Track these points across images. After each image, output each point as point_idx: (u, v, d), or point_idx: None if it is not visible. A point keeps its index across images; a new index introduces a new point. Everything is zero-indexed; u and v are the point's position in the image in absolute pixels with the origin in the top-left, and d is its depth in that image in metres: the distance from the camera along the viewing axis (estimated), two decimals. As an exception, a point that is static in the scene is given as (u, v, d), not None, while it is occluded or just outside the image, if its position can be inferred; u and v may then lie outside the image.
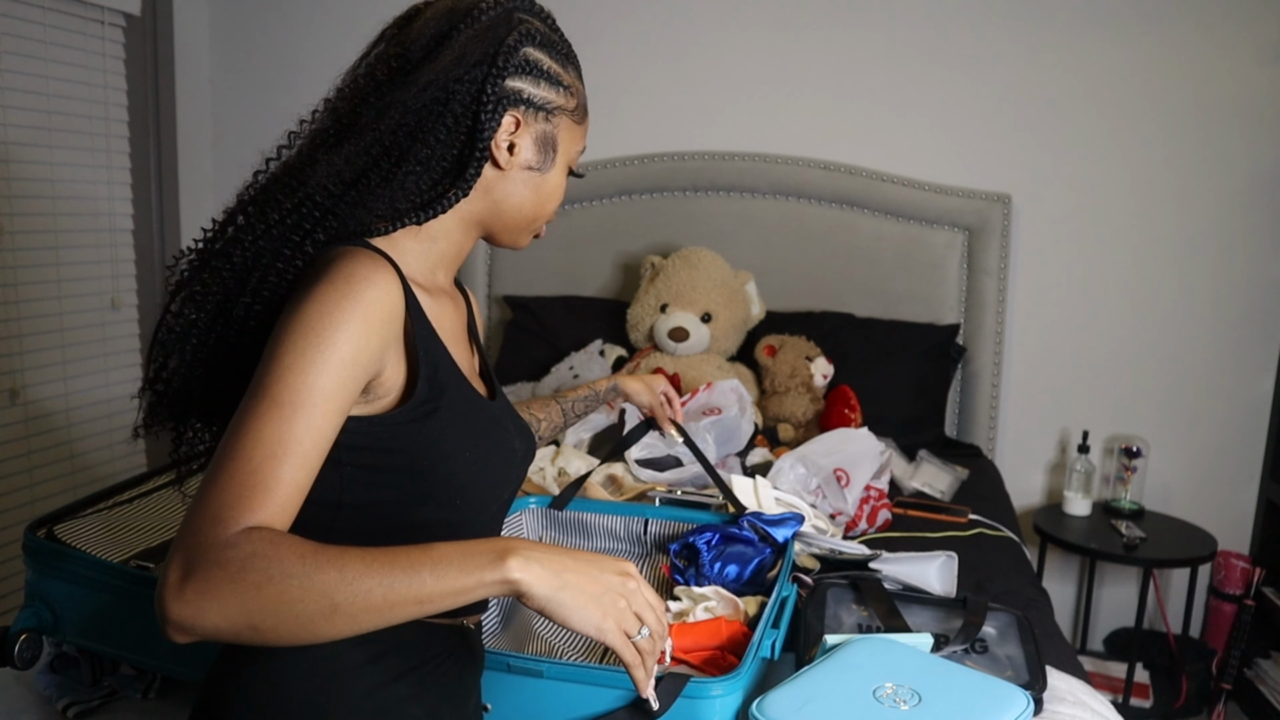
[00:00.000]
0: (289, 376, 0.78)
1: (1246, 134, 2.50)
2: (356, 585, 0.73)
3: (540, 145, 0.96)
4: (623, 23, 2.81)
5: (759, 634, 1.09)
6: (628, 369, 2.46)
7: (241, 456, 0.76)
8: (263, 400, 0.78)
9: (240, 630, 0.72)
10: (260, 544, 0.72)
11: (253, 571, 0.71)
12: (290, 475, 0.77)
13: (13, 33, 2.42)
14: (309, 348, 0.79)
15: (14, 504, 2.49)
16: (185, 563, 0.72)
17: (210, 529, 0.73)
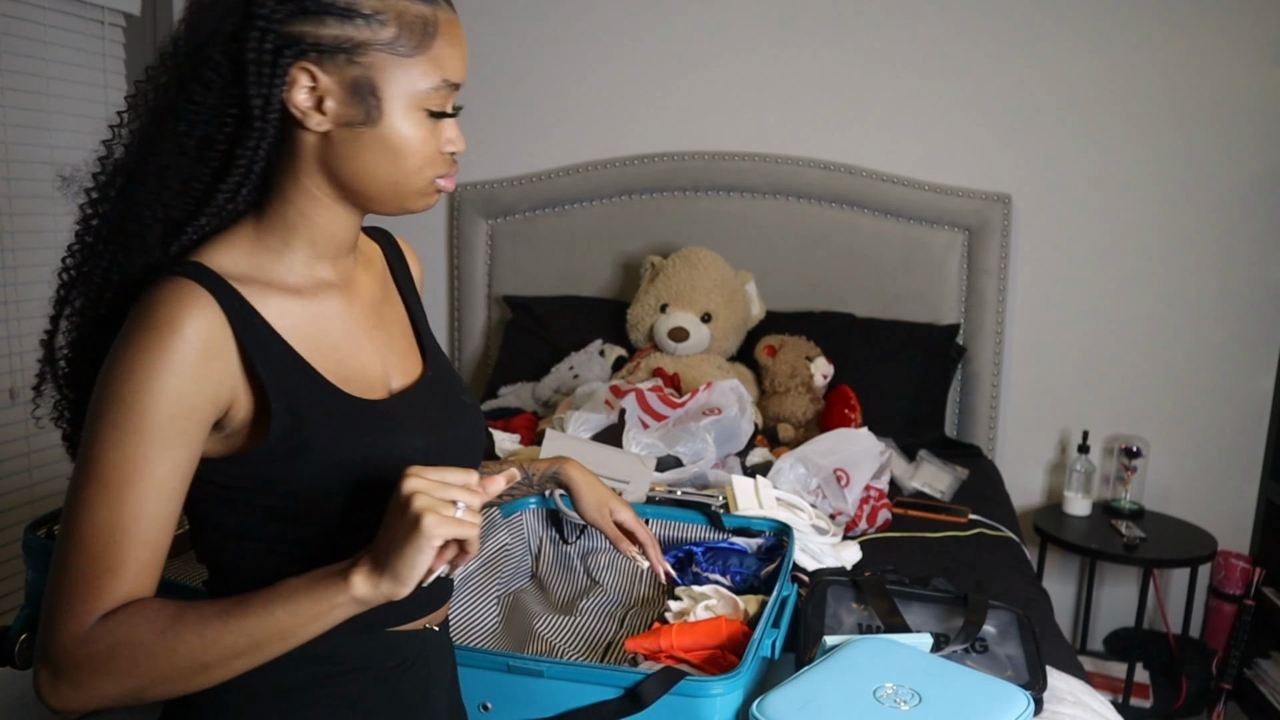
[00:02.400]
0: (108, 454, 0.74)
1: (1246, 134, 2.50)
2: (220, 643, 0.73)
3: (353, 94, 0.79)
4: (623, 23, 2.81)
5: (759, 633, 1.09)
6: (628, 369, 2.46)
7: (81, 547, 0.74)
8: (89, 483, 0.75)
9: (126, 702, 0.74)
10: (118, 631, 0.73)
11: (118, 658, 0.72)
12: (135, 554, 0.75)
13: (13, 33, 2.42)
14: (120, 417, 0.74)
15: (14, 504, 2.49)
16: (53, 666, 0.73)
17: (65, 626, 0.73)
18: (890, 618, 1.25)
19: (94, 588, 0.74)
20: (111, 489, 0.74)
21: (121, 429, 0.74)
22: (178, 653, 0.72)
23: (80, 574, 0.74)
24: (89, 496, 0.74)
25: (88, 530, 0.74)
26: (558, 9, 2.83)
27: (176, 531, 1.34)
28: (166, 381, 0.75)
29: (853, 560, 1.61)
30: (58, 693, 0.73)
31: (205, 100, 0.78)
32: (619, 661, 1.24)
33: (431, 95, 0.81)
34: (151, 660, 0.72)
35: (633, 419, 1.95)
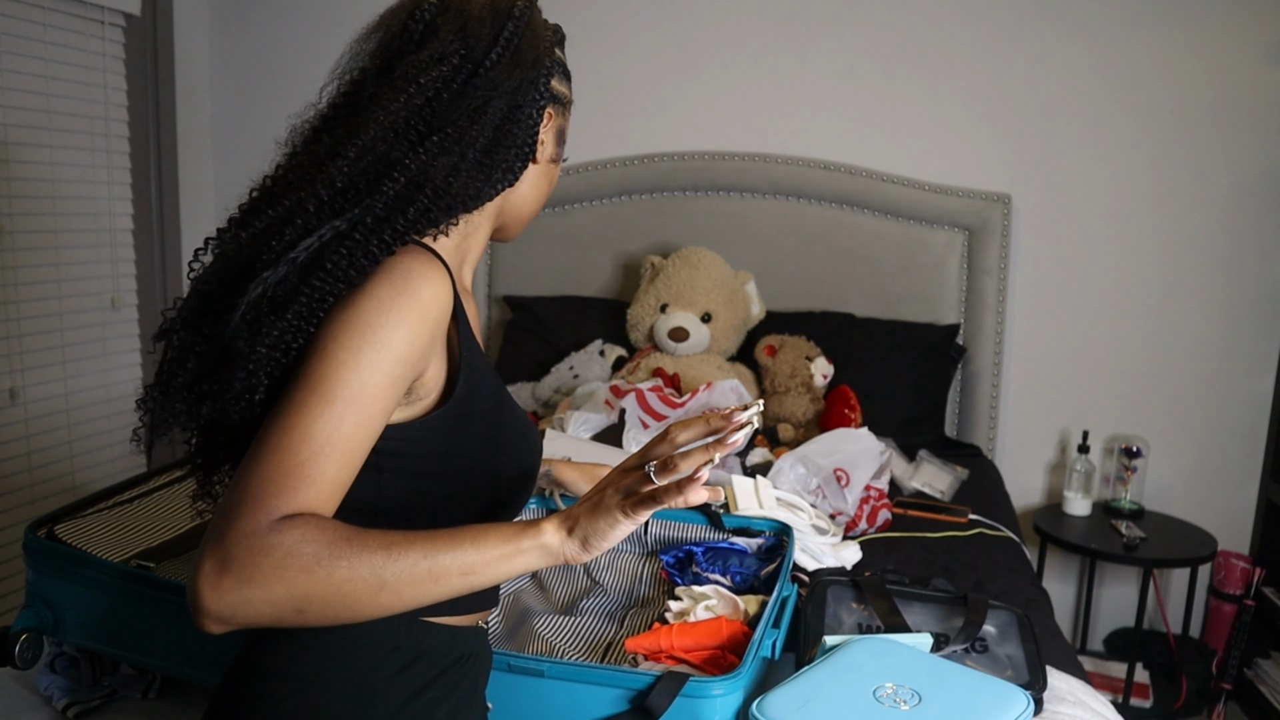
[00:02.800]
0: (342, 372, 0.77)
1: (1247, 134, 2.50)
2: (402, 561, 0.74)
3: (558, 138, 1.03)
4: (623, 23, 2.81)
5: (759, 634, 1.09)
6: (628, 369, 2.46)
7: (288, 449, 0.75)
8: (313, 394, 0.77)
9: (284, 615, 0.72)
10: (306, 529, 0.72)
11: (299, 557, 0.71)
12: (335, 472, 0.76)
13: (13, 33, 2.42)
14: (365, 345, 0.78)
15: (14, 504, 2.49)
16: (223, 552, 0.71)
17: (251, 517, 0.72)
18: (890, 618, 1.25)
19: (288, 489, 0.74)
20: (336, 405, 0.76)
21: (362, 356, 0.78)
22: (360, 559, 0.73)
23: (279, 474, 0.74)
24: (310, 406, 0.76)
25: (298, 437, 0.75)
26: (558, 10, 2.82)
27: (190, 524, 1.35)
28: (412, 327, 0.81)
29: (853, 560, 1.61)
30: (220, 588, 0.70)
31: (520, 124, 0.94)
32: (619, 661, 1.24)
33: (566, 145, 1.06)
34: (334, 561, 0.72)
35: (633, 419, 1.95)
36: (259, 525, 0.72)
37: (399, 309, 0.80)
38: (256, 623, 0.72)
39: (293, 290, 0.82)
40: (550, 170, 1.03)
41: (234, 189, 0.93)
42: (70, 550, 1.25)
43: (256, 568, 0.70)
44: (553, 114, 0.99)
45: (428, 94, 0.88)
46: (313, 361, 0.78)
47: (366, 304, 0.80)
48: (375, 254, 0.83)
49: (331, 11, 2.98)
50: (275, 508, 0.73)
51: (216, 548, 0.71)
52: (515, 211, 1.02)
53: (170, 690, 1.30)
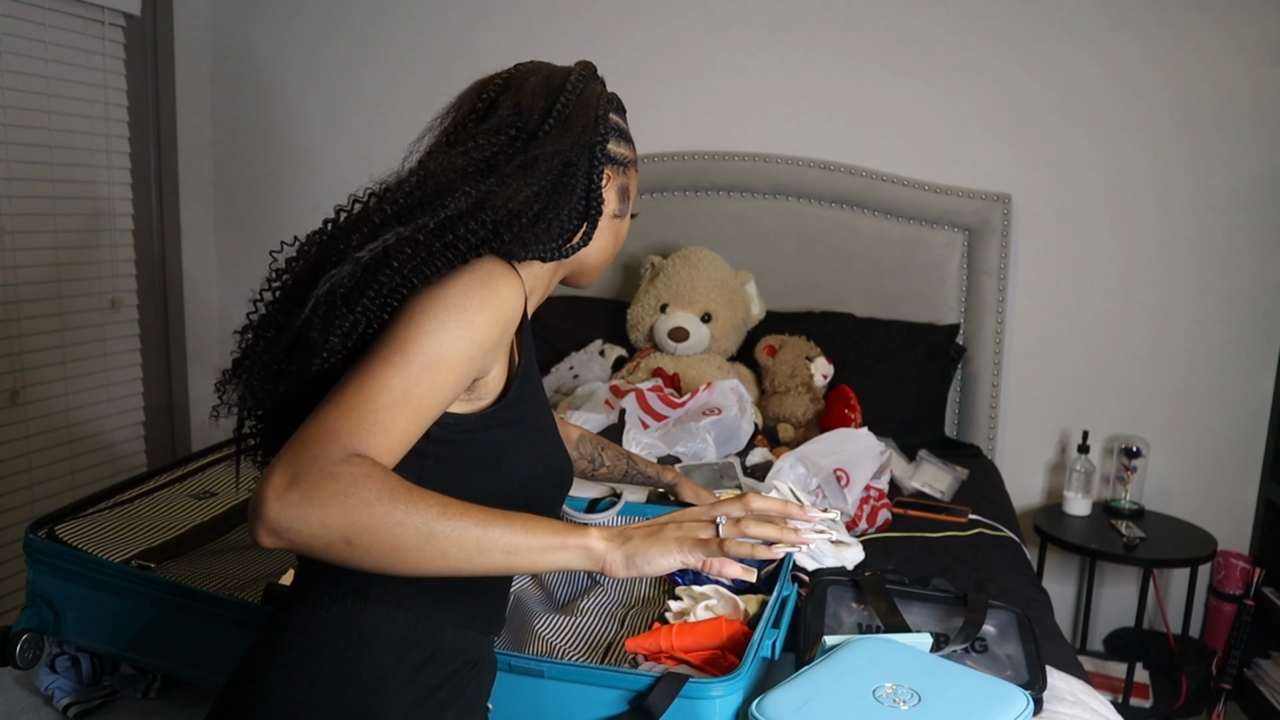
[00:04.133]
0: (425, 340, 0.84)
1: (1247, 134, 2.50)
2: (455, 522, 0.79)
3: (620, 195, 1.11)
4: (623, 23, 2.81)
5: (759, 634, 1.09)
6: (628, 369, 2.46)
7: (367, 396, 0.81)
8: (394, 355, 0.83)
9: (334, 542, 0.76)
10: (374, 468, 0.78)
11: (363, 488, 0.76)
12: (404, 427, 0.82)
13: (13, 33, 2.42)
14: (449, 319, 0.86)
15: (14, 504, 2.49)
16: (295, 469, 0.76)
17: (325, 445, 0.77)
18: (890, 618, 1.25)
19: (362, 430, 0.79)
20: (415, 367, 0.83)
21: (445, 327, 0.86)
22: (418, 508, 0.78)
23: (356, 414, 0.80)
24: (392, 363, 0.83)
25: (377, 387, 0.82)
26: (558, 10, 2.83)
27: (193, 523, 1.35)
28: (491, 315, 0.89)
29: (856, 561, 1.61)
30: (284, 499, 0.74)
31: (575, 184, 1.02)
32: (619, 662, 1.24)
33: (634, 200, 1.16)
34: (393, 501, 0.77)
35: (633, 419, 1.95)
36: (332, 454, 0.77)
37: (482, 298, 0.89)
38: (307, 545, 0.75)
39: (361, 286, 0.88)
40: (615, 224, 1.12)
41: (234, 189, 0.95)
42: (71, 550, 1.25)
43: (322, 488, 0.75)
44: (611, 174, 1.08)
45: (485, 153, 0.98)
46: (399, 326, 0.86)
47: (454, 287, 0.88)
48: (435, 258, 0.90)
49: (331, 12, 2.98)
50: (349, 443, 0.78)
51: (290, 464, 0.76)
52: (585, 260, 1.10)
53: (170, 690, 1.30)
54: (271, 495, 0.75)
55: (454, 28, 2.93)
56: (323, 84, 3.01)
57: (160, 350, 2.91)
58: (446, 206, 0.92)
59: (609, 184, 1.08)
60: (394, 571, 0.79)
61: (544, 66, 1.08)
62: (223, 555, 1.35)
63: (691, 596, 1.28)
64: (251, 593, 1.23)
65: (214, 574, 1.27)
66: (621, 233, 1.14)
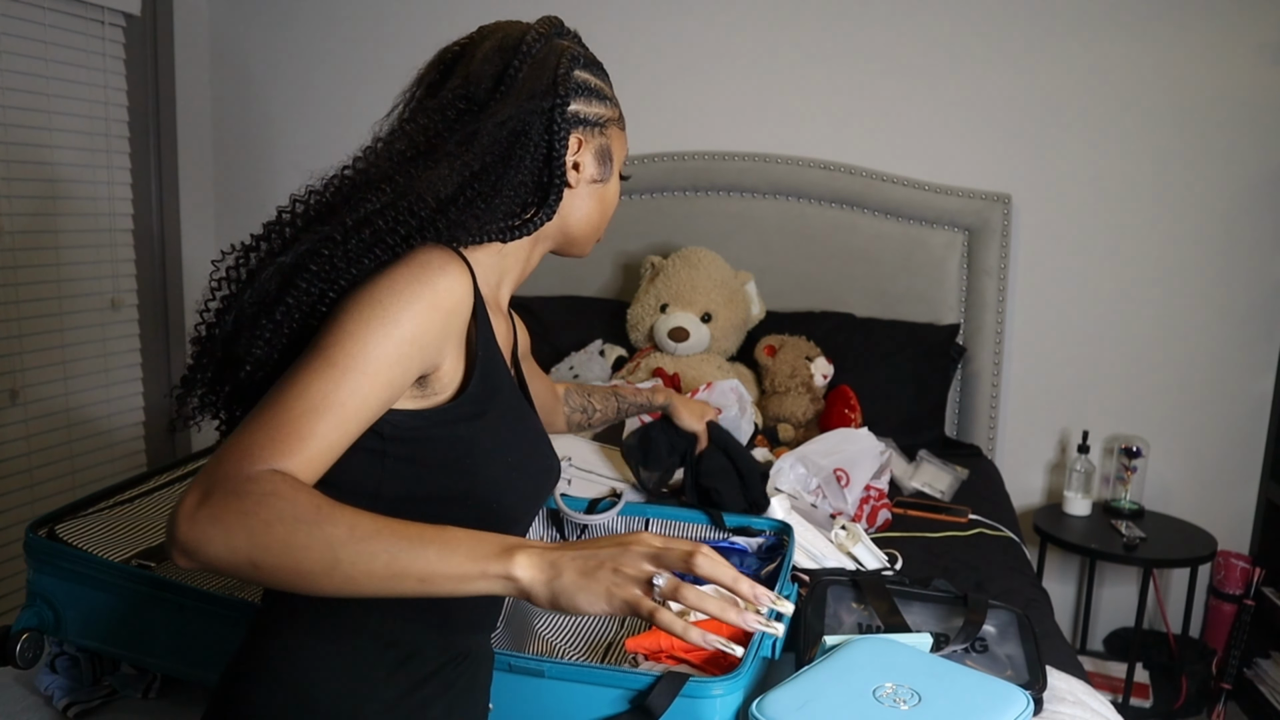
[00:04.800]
0: (347, 341, 0.81)
1: (1246, 134, 2.50)
2: (362, 546, 0.72)
3: (600, 158, 1.03)
4: (623, 23, 2.81)
5: (759, 633, 1.09)
6: (628, 369, 2.46)
7: (283, 405, 0.78)
8: (316, 359, 0.80)
9: (240, 565, 0.72)
10: (280, 485, 0.73)
11: (266, 509, 0.72)
12: (325, 433, 0.78)
13: (13, 33, 2.42)
14: (373, 318, 0.82)
15: (14, 504, 2.49)
16: (205, 489, 0.73)
17: (236, 462, 0.74)
18: (890, 618, 1.25)
19: (278, 443, 0.76)
20: (336, 369, 0.80)
21: (369, 326, 0.82)
22: (322, 530, 0.72)
23: (272, 426, 0.77)
24: (312, 369, 0.80)
25: (297, 393, 0.79)
26: (557, 10, 2.82)
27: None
28: (423, 309, 0.84)
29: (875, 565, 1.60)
30: (194, 518, 0.72)
31: (525, 153, 0.95)
32: (619, 661, 1.24)
33: (625, 162, 1.09)
34: (295, 524, 0.71)
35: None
36: (243, 470, 0.74)
37: (411, 292, 0.84)
38: (216, 565, 0.72)
39: (279, 292, 0.86)
40: (599, 190, 1.05)
41: (234, 189, 0.95)
42: (71, 550, 1.25)
43: (226, 508, 0.72)
44: (583, 138, 1.01)
45: (428, 134, 0.93)
46: (323, 332, 0.83)
47: (382, 283, 0.84)
48: (361, 256, 0.86)
49: (331, 12, 2.98)
50: (262, 458, 0.75)
51: (203, 481, 0.74)
52: (567, 234, 1.05)
53: (170, 690, 1.30)
54: (181, 516, 0.72)
55: (454, 28, 2.91)
56: (323, 84, 3.01)
57: (160, 350, 2.91)
58: (369, 200, 0.88)
59: (582, 149, 1.01)
60: (315, 595, 0.74)
61: (504, 27, 1.01)
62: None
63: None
64: (251, 592, 1.23)
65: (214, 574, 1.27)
66: (609, 197, 1.07)
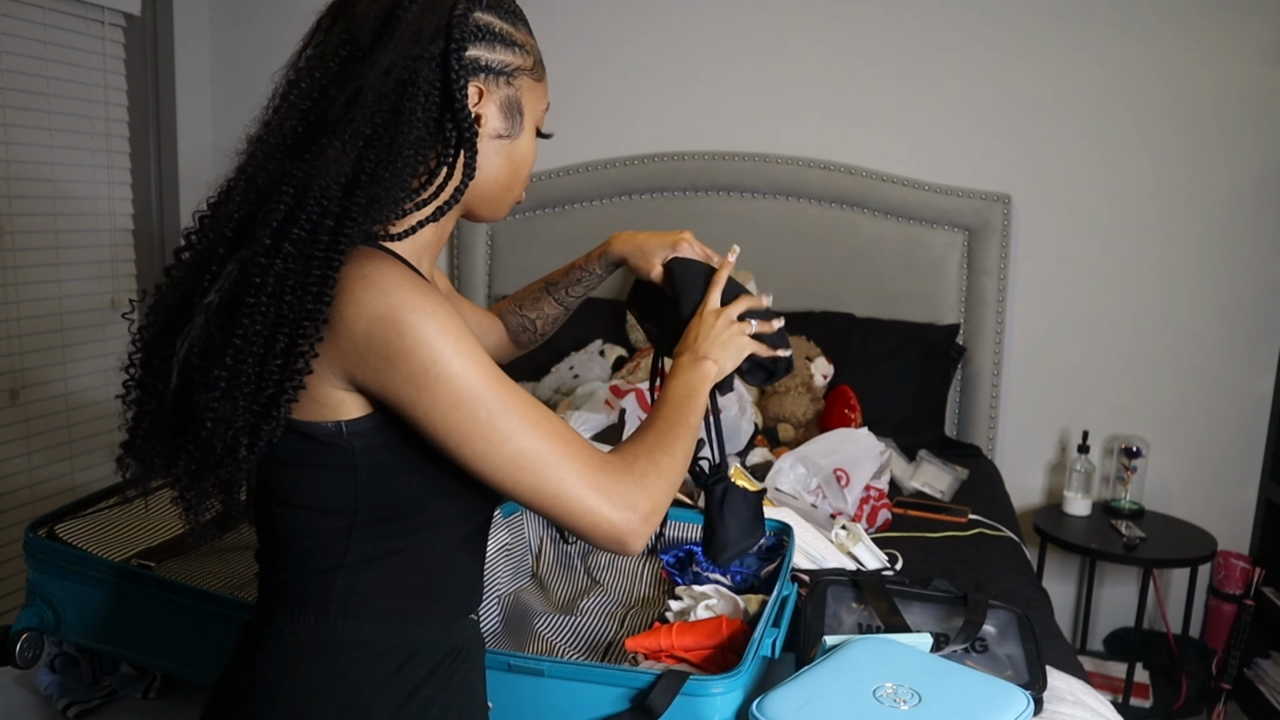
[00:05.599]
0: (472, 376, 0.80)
1: (1247, 134, 2.50)
2: (685, 430, 0.97)
3: (506, 111, 0.91)
4: (623, 23, 2.81)
5: (759, 633, 1.09)
6: (628, 369, 2.46)
7: (539, 441, 0.83)
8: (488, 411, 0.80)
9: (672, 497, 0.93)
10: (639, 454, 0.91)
11: (661, 466, 0.91)
12: (558, 424, 0.85)
13: (13, 33, 2.42)
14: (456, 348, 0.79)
15: (14, 504, 2.49)
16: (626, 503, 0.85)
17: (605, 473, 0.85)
18: (890, 618, 1.25)
19: (580, 447, 0.85)
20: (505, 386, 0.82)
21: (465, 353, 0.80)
22: (676, 447, 0.95)
23: (565, 450, 0.84)
24: (505, 406, 0.81)
25: (527, 429, 0.82)
26: (558, 9, 2.83)
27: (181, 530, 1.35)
28: (448, 309, 0.81)
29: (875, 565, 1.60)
30: (649, 520, 0.87)
31: (416, 106, 0.84)
32: (619, 661, 1.24)
33: (543, 116, 0.98)
34: (672, 459, 0.93)
35: (633, 419, 1.95)
36: (616, 473, 0.86)
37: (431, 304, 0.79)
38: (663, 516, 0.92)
39: (223, 336, 0.78)
40: (506, 147, 0.92)
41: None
42: (71, 550, 1.25)
43: (653, 488, 0.88)
44: (484, 87, 0.89)
45: (312, 96, 0.83)
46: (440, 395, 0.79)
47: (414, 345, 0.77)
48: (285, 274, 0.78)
49: (331, 11, 2.98)
50: (598, 458, 0.86)
51: (618, 510, 0.85)
52: (475, 194, 0.93)
53: (170, 690, 1.30)
54: (646, 527, 0.87)
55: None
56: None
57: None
58: (275, 209, 0.79)
59: (484, 99, 0.89)
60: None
61: None
62: (223, 555, 1.35)
63: (691, 596, 1.28)
64: (251, 592, 1.22)
65: (214, 574, 1.27)
66: (518, 156, 0.94)
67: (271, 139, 0.83)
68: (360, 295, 0.78)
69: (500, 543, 1.45)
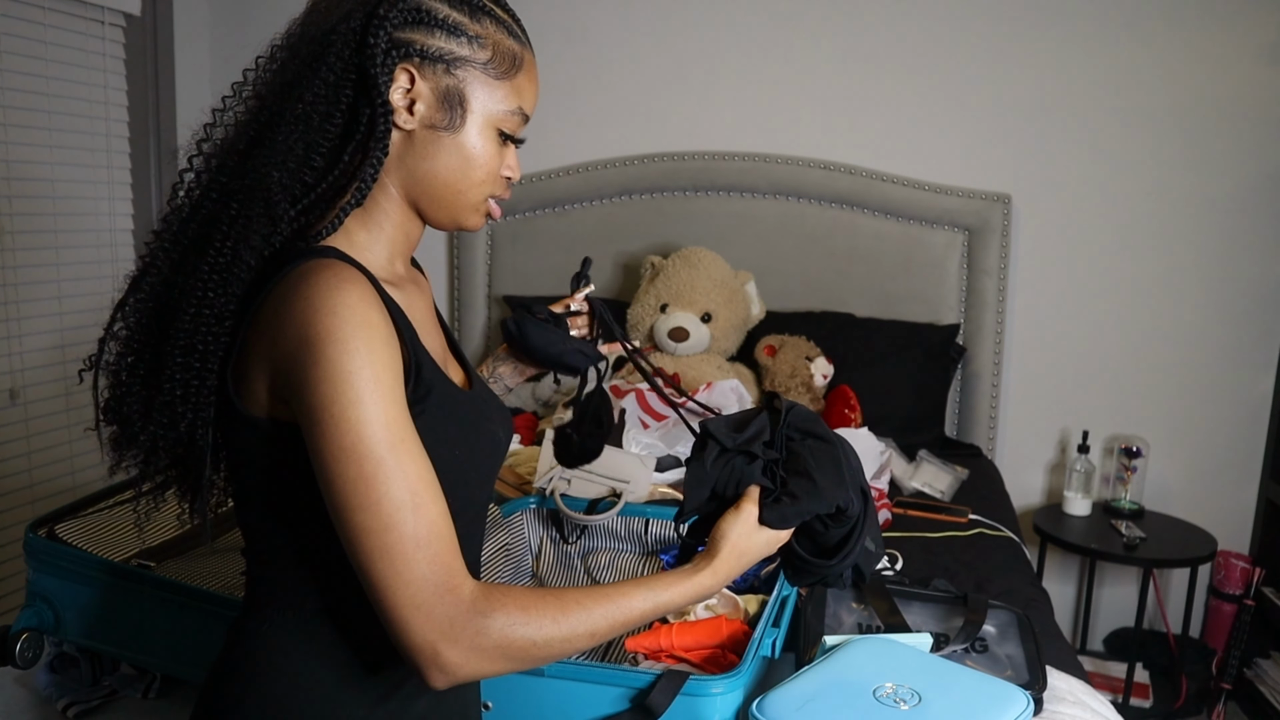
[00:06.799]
0: (366, 429, 0.74)
1: (1247, 134, 2.50)
2: (600, 633, 0.82)
3: (444, 101, 0.86)
4: (623, 23, 2.81)
5: (759, 633, 1.09)
6: (627, 369, 2.46)
7: (395, 526, 0.74)
8: (364, 466, 0.74)
9: (507, 673, 0.80)
10: (509, 608, 0.77)
11: (517, 639, 0.77)
12: (438, 510, 0.77)
13: (13, 33, 2.42)
14: (364, 390, 0.75)
15: (14, 504, 2.49)
16: (441, 632, 0.74)
17: (440, 597, 0.75)
18: (890, 618, 1.25)
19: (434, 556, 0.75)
20: (387, 461, 0.75)
21: (367, 400, 0.75)
22: (570, 628, 0.80)
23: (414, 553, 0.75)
24: (372, 480, 0.75)
25: (389, 511, 0.74)
26: (557, 9, 2.83)
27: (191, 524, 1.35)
28: (380, 350, 0.77)
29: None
30: (456, 665, 0.75)
31: (326, 83, 0.83)
32: (619, 661, 1.24)
33: (507, 118, 0.89)
34: (552, 633, 0.79)
35: (633, 419, 1.95)
36: (457, 604, 0.75)
37: (360, 342, 0.75)
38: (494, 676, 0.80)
39: (164, 358, 0.83)
40: (451, 142, 0.87)
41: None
42: (71, 550, 1.25)
43: (481, 649, 0.76)
44: (418, 72, 0.84)
45: (251, 94, 0.86)
46: (326, 433, 0.75)
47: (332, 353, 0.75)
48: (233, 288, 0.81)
49: (331, 11, 2.98)
50: (447, 580, 0.75)
51: (430, 631, 0.74)
52: (423, 193, 0.89)
53: (170, 690, 1.30)
54: (445, 664, 0.75)
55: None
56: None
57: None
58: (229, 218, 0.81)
59: (416, 85, 0.85)
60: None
61: None
62: (223, 555, 1.35)
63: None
64: (251, 592, 1.22)
65: (214, 574, 1.27)
66: (468, 154, 0.88)
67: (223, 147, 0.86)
68: (295, 310, 0.77)
69: (500, 543, 1.45)
